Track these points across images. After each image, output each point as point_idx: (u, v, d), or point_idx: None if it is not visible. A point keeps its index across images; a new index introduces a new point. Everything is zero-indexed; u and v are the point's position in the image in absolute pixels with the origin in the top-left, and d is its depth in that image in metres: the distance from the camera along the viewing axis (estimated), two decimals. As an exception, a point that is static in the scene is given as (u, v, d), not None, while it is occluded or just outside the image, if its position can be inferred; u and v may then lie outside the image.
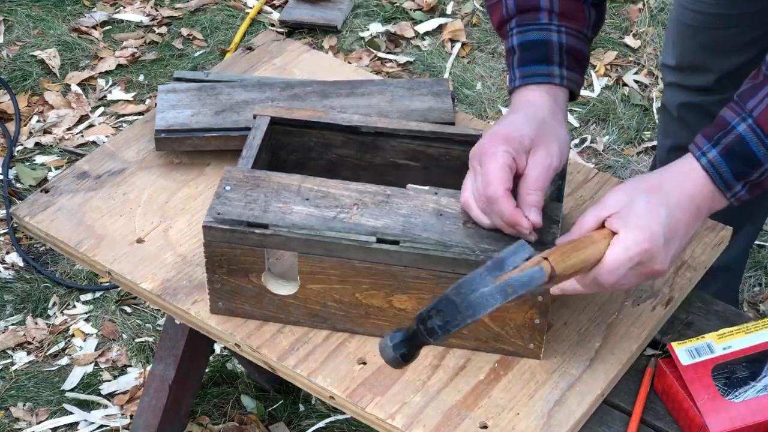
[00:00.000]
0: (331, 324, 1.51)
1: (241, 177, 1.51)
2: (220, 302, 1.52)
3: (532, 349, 1.47)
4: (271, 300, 1.50)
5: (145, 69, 3.26)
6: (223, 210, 1.46)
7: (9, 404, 2.36)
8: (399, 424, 1.41)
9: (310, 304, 1.49)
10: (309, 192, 1.49)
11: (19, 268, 2.66)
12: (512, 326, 1.46)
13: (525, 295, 1.26)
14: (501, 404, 1.44)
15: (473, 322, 1.25)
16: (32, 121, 3.07)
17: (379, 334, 1.50)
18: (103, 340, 2.50)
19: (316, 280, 1.47)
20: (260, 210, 1.46)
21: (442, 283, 1.43)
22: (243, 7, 3.51)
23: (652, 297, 1.57)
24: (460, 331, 1.41)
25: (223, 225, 1.45)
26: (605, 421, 1.48)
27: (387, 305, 1.47)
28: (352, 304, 1.48)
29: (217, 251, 1.46)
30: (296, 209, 1.46)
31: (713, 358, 1.47)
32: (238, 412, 2.31)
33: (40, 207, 1.69)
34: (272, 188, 1.49)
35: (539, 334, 1.46)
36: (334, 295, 1.48)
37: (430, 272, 1.43)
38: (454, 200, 1.47)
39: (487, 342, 1.48)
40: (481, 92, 3.18)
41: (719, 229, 1.68)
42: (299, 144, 1.64)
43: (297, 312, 1.50)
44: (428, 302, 1.39)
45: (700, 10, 1.98)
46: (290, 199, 1.47)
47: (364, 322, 1.49)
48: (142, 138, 1.81)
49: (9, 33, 3.36)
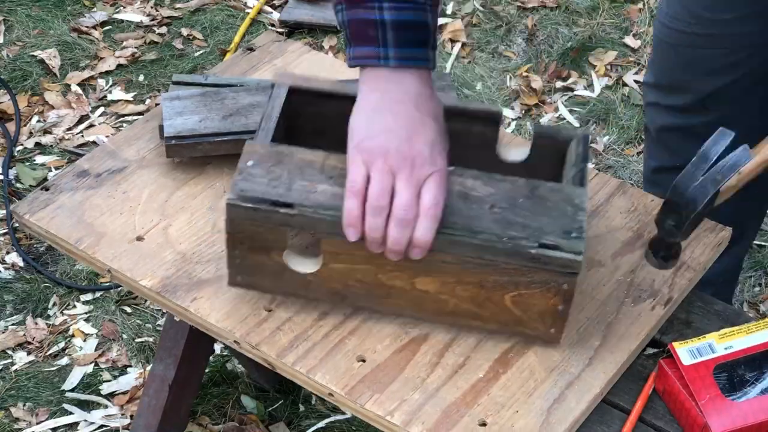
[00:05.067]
0: (351, 302, 1.49)
1: (263, 152, 1.47)
2: (239, 276, 1.50)
3: (553, 334, 1.46)
4: (291, 277, 1.48)
5: (145, 69, 3.26)
6: (246, 186, 1.42)
7: (9, 404, 2.35)
8: (398, 421, 1.41)
9: (331, 283, 1.47)
10: (333, 170, 1.44)
11: (19, 268, 2.66)
12: (535, 311, 1.45)
13: (739, 177, 1.41)
14: (500, 402, 1.44)
15: (700, 214, 1.42)
16: (32, 121, 3.07)
17: (400, 314, 1.49)
18: (103, 340, 2.50)
19: (339, 260, 1.44)
20: (284, 188, 1.42)
21: (467, 267, 1.42)
22: (243, 7, 3.51)
23: (651, 297, 1.57)
24: (481, 314, 1.47)
25: (247, 203, 1.42)
26: (605, 420, 1.48)
27: (410, 287, 1.46)
28: (374, 284, 1.46)
29: (239, 228, 1.44)
30: (321, 188, 1.42)
31: (715, 358, 1.47)
32: (238, 412, 2.31)
33: (40, 205, 1.69)
34: (295, 164, 1.45)
35: (561, 320, 1.45)
36: (357, 275, 1.45)
37: (456, 257, 1.41)
38: (480, 182, 1.44)
39: (507, 326, 1.47)
40: (481, 92, 3.18)
41: (719, 230, 1.68)
42: (317, 114, 1.59)
43: (317, 289, 1.48)
44: (451, 285, 1.45)
45: (678, 28, 1.93)
46: (314, 177, 1.43)
47: (385, 301, 1.48)
48: (143, 137, 1.81)
49: (9, 33, 3.36)
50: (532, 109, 3.16)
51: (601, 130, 3.08)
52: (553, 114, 3.14)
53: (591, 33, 3.38)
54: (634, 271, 1.60)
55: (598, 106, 3.15)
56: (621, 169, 2.94)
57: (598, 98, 3.18)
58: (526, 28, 3.41)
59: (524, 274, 1.41)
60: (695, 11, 1.91)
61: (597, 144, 3.03)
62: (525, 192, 1.44)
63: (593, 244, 1.64)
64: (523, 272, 1.41)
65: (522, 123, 3.11)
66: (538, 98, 3.19)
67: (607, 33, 3.40)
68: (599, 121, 3.11)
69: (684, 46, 1.94)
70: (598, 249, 1.64)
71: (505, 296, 1.44)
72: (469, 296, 1.45)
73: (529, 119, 3.13)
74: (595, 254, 1.63)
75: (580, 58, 3.31)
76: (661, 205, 1.45)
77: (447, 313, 1.48)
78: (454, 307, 1.47)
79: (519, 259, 1.40)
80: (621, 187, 1.74)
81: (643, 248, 1.63)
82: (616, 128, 3.08)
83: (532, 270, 1.40)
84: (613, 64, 3.30)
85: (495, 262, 1.41)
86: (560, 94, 3.21)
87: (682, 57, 1.96)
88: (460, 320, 1.48)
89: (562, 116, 3.13)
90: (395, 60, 1.39)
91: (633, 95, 3.18)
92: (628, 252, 1.63)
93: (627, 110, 3.13)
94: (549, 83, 3.24)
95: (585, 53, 3.32)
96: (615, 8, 3.48)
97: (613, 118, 3.10)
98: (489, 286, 1.43)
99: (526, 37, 3.39)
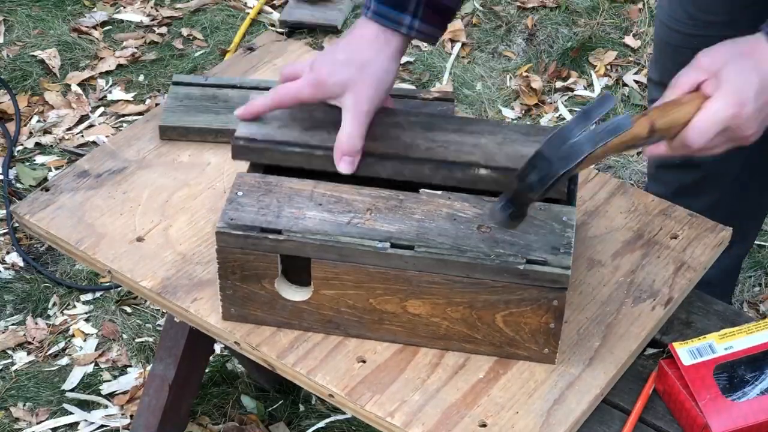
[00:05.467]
0: (345, 330, 1.50)
1: (252, 182, 1.50)
2: (233, 308, 1.51)
3: (547, 354, 1.47)
4: (284, 306, 1.50)
5: (145, 69, 3.26)
6: (235, 216, 1.45)
7: (9, 404, 2.35)
8: (398, 422, 1.41)
9: (323, 310, 1.49)
10: (322, 197, 1.48)
11: (19, 268, 2.66)
12: (527, 331, 1.45)
13: (611, 144, 1.31)
14: (500, 403, 1.44)
15: (567, 174, 1.31)
16: (32, 121, 3.07)
17: (393, 340, 1.50)
18: (103, 340, 2.50)
19: (330, 286, 1.46)
20: (273, 215, 1.45)
21: (456, 288, 1.43)
22: (243, 8, 3.51)
23: (651, 297, 1.57)
24: (474, 336, 1.44)
25: (237, 231, 1.44)
26: (605, 420, 1.48)
27: (401, 310, 1.47)
28: (366, 310, 1.48)
29: (230, 257, 1.46)
30: (309, 215, 1.46)
31: (715, 358, 1.47)
32: (238, 412, 2.31)
33: (40, 205, 1.69)
34: (284, 194, 1.49)
35: (554, 339, 1.45)
36: (348, 300, 1.47)
37: (445, 277, 1.43)
38: (468, 204, 1.47)
39: (501, 347, 1.47)
40: (481, 92, 3.18)
41: (719, 230, 1.68)
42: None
43: (310, 318, 1.50)
44: (441, 307, 1.44)
45: (677, 28, 1.95)
46: (303, 205, 1.47)
47: (378, 327, 1.49)
48: (143, 137, 1.81)
49: (9, 33, 3.36)
50: (532, 109, 3.16)
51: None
52: (553, 114, 3.14)
53: (591, 33, 3.38)
54: (635, 272, 1.60)
55: (598, 106, 3.14)
56: (621, 169, 2.94)
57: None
58: (526, 28, 3.41)
59: (513, 292, 1.42)
60: (692, 12, 1.92)
61: (597, 144, 3.03)
62: None
63: (593, 244, 1.64)
64: (513, 290, 1.41)
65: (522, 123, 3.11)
66: (538, 98, 3.19)
67: (607, 33, 3.40)
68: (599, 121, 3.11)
69: (683, 47, 1.94)
70: (598, 249, 1.64)
71: (496, 316, 1.44)
72: (461, 317, 1.45)
73: (529, 119, 3.13)
74: (595, 254, 1.63)
75: (580, 58, 3.31)
76: (530, 157, 1.34)
77: (440, 337, 1.48)
78: (447, 329, 1.47)
79: (507, 276, 1.41)
80: (621, 187, 1.74)
81: (644, 248, 1.63)
82: (616, 128, 3.07)
83: (521, 287, 1.41)
84: (613, 64, 3.30)
85: (484, 280, 1.41)
86: (560, 94, 3.21)
87: (683, 56, 1.96)
88: (454, 344, 1.49)
89: (562, 116, 3.13)
90: (371, 12, 1.51)
91: (633, 95, 3.18)
92: (629, 252, 1.63)
93: (627, 110, 3.13)
94: (549, 83, 3.24)
95: (585, 53, 3.32)
96: (615, 8, 3.48)
97: (613, 118, 3.10)
98: (479, 306, 1.44)
99: (526, 37, 3.39)
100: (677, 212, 1.70)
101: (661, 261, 1.62)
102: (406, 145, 1.53)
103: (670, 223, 1.68)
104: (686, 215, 1.69)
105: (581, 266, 1.61)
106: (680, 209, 1.70)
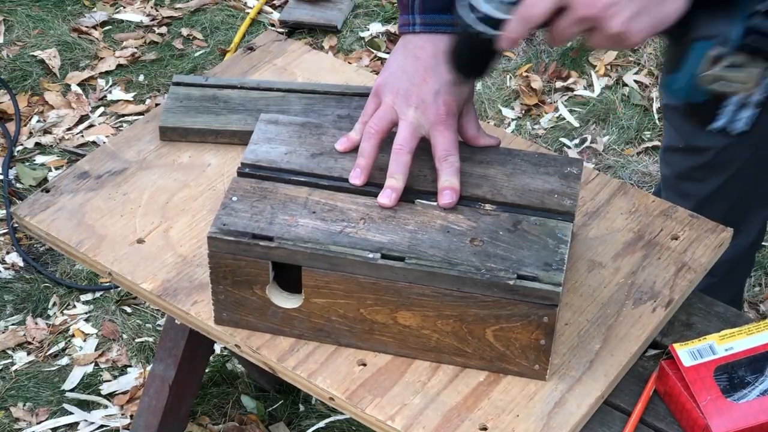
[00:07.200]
0: (335, 339, 1.50)
1: (248, 187, 1.50)
2: (224, 313, 1.51)
3: (537, 371, 1.46)
4: (275, 312, 1.49)
5: (145, 69, 3.26)
6: (228, 221, 1.45)
7: (9, 404, 2.36)
8: (399, 425, 1.41)
9: (314, 318, 1.48)
10: (316, 205, 1.48)
11: (19, 268, 2.66)
12: (517, 346, 1.44)
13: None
14: (501, 406, 1.44)
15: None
16: (32, 121, 3.07)
17: (384, 351, 1.49)
18: (103, 340, 2.50)
19: (321, 294, 1.46)
20: (266, 222, 1.45)
21: (446, 300, 1.42)
22: (243, 7, 3.51)
23: (652, 299, 1.57)
24: (465, 349, 1.45)
25: (228, 236, 1.44)
26: (605, 421, 1.47)
27: (391, 321, 1.46)
28: (356, 320, 1.47)
29: (221, 262, 1.46)
30: (302, 222, 1.45)
31: (715, 360, 1.47)
32: (238, 412, 2.31)
33: (40, 207, 1.69)
34: (279, 200, 1.48)
35: (544, 355, 1.44)
36: (339, 309, 1.47)
37: (435, 289, 1.42)
38: (462, 217, 1.47)
39: (492, 362, 1.47)
40: (481, 92, 3.18)
41: (720, 231, 1.67)
42: None
43: (301, 325, 1.50)
44: (432, 319, 1.44)
45: None
46: (297, 212, 1.47)
47: (369, 337, 1.48)
48: (143, 138, 1.81)
49: (9, 33, 3.36)
50: (532, 109, 3.16)
51: (601, 130, 3.08)
52: (553, 114, 3.14)
53: (591, 32, 3.37)
54: (635, 273, 1.60)
55: (598, 106, 3.14)
56: (621, 170, 2.94)
57: (598, 98, 3.18)
58: (526, 28, 3.41)
59: (504, 307, 1.41)
60: None
61: (597, 144, 3.03)
62: (508, 225, 1.46)
63: (594, 246, 1.64)
64: (503, 305, 1.41)
65: (522, 123, 3.11)
66: (538, 98, 3.19)
67: (607, 32, 3.39)
68: (599, 121, 3.11)
69: None
70: (598, 250, 1.63)
71: (486, 330, 1.44)
72: (451, 330, 1.45)
73: (529, 119, 3.12)
74: (595, 256, 1.63)
75: (580, 58, 3.31)
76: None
77: (430, 349, 1.48)
78: (437, 342, 1.46)
79: (497, 291, 1.40)
80: (622, 187, 1.74)
81: (645, 250, 1.63)
82: (616, 128, 3.07)
83: (511, 302, 1.40)
84: (613, 64, 3.30)
85: (474, 294, 1.41)
86: (560, 94, 3.21)
87: None
88: (445, 357, 1.48)
89: (562, 116, 3.13)
90: (420, 26, 1.52)
91: (633, 95, 3.18)
92: (629, 253, 1.63)
93: (627, 110, 3.13)
94: (549, 83, 3.24)
95: (585, 53, 3.32)
96: (615, 8, 3.48)
97: (613, 118, 3.10)
98: (470, 320, 1.43)
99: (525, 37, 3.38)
100: (678, 213, 1.70)
101: (662, 262, 1.62)
102: (413, 176, 1.52)
103: (671, 224, 1.68)
104: (687, 216, 1.69)
105: (582, 268, 1.61)
106: (681, 210, 1.70)
